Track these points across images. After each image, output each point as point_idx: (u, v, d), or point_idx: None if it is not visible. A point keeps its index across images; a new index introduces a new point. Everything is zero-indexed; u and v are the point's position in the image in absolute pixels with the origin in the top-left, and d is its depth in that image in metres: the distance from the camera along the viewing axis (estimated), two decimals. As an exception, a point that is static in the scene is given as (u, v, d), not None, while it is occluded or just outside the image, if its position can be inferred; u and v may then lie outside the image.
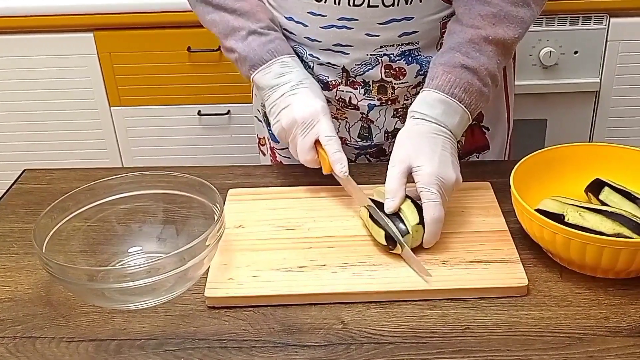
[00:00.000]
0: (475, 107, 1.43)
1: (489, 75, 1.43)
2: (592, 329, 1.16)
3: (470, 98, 1.41)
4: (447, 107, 1.39)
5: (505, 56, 1.46)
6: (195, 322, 1.20)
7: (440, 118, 1.39)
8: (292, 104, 1.45)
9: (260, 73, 1.50)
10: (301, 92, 1.46)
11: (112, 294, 1.18)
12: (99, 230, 1.35)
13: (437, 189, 1.31)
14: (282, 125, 1.46)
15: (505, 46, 1.44)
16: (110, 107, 2.85)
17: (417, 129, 1.39)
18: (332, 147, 1.42)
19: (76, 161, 2.85)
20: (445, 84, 1.40)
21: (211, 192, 1.30)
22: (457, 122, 1.40)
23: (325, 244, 1.35)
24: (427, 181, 1.31)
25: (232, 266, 1.30)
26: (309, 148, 1.44)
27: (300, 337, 1.16)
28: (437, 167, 1.32)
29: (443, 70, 1.41)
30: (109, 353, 1.15)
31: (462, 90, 1.40)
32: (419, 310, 1.21)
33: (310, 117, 1.43)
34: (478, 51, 1.42)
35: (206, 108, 2.86)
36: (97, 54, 2.74)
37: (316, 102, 1.44)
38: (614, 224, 1.22)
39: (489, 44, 1.42)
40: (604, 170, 1.40)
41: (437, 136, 1.37)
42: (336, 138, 1.43)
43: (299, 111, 1.44)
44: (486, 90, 1.43)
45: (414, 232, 1.29)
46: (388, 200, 1.33)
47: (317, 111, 1.43)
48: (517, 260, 1.28)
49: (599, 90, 2.77)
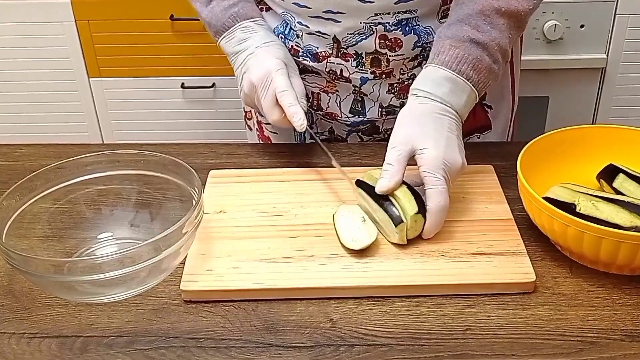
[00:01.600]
0: (483, 86, 1.37)
1: (499, 50, 1.37)
2: (606, 332, 1.09)
3: (479, 76, 1.35)
4: (454, 85, 1.33)
5: (518, 30, 1.41)
6: (169, 317, 1.15)
7: (446, 97, 1.33)
8: (249, 68, 1.46)
9: (224, 40, 1.53)
10: (257, 54, 1.46)
11: (80, 286, 1.12)
12: (68, 213, 1.30)
13: (442, 174, 1.25)
14: (244, 91, 1.47)
15: (519, 18, 1.39)
16: (89, 78, 2.88)
17: (420, 108, 1.33)
18: (286, 101, 1.39)
19: (53, 135, 2.90)
20: (452, 59, 1.34)
21: (189, 174, 1.24)
22: (464, 102, 1.34)
23: (313, 233, 1.28)
24: (433, 165, 1.25)
25: (211, 256, 1.23)
26: (271, 107, 1.42)
27: (284, 336, 1.10)
28: (443, 151, 1.27)
29: (450, 45, 1.35)
30: (74, 352, 1.09)
31: (471, 67, 1.34)
32: (415, 308, 1.15)
33: (264, 76, 1.42)
34: (489, 24, 1.36)
35: (190, 80, 2.88)
36: (75, 21, 2.75)
37: (270, 60, 1.44)
38: (631, 216, 1.15)
39: (501, 16, 1.36)
40: (618, 155, 1.34)
41: (443, 116, 1.31)
42: (290, 91, 1.40)
43: (254, 73, 1.44)
44: (496, 67, 1.37)
45: (412, 222, 1.22)
46: (384, 179, 1.25)
47: (270, 69, 1.42)
48: (524, 253, 1.22)
49: (605, 67, 2.77)
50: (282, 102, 1.39)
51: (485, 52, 1.34)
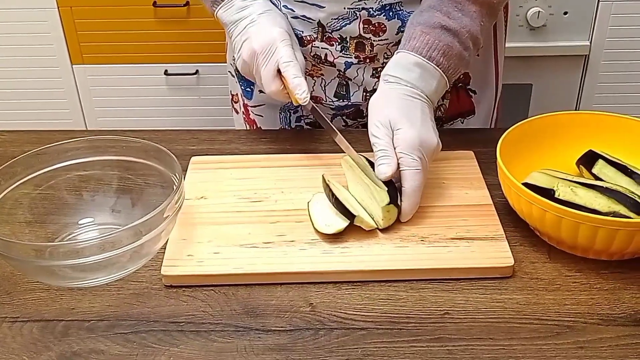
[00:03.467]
0: (453, 72, 1.37)
1: (470, 37, 1.37)
2: (583, 316, 1.10)
3: (449, 62, 1.35)
4: (424, 70, 1.33)
5: (491, 17, 1.41)
6: (150, 302, 1.14)
7: (417, 82, 1.33)
8: (250, 36, 1.42)
9: (222, 9, 1.47)
10: (259, 22, 1.43)
11: (61, 270, 1.12)
12: (50, 199, 1.29)
13: (418, 155, 1.25)
14: (244, 58, 1.43)
15: (491, 6, 1.39)
16: (72, 65, 2.86)
17: (391, 92, 1.33)
18: (290, 72, 1.37)
19: (36, 122, 2.87)
20: (422, 45, 1.34)
21: (170, 159, 1.24)
22: (434, 88, 1.34)
23: (294, 218, 1.27)
24: (409, 146, 1.25)
25: (192, 241, 1.23)
26: (272, 77, 1.39)
27: (264, 320, 1.10)
28: (418, 130, 1.27)
29: (421, 31, 1.35)
30: (55, 335, 1.09)
31: (441, 53, 1.34)
32: (394, 292, 1.15)
33: (268, 45, 1.39)
34: (460, 11, 1.36)
35: (173, 67, 2.87)
36: (58, 7, 2.73)
37: (273, 29, 1.40)
38: (609, 201, 1.16)
39: (472, 3, 1.36)
40: (597, 141, 1.33)
41: (414, 99, 1.32)
42: (294, 63, 1.38)
43: (256, 41, 1.40)
44: (467, 54, 1.37)
45: (384, 212, 1.22)
46: (384, 165, 1.25)
47: (274, 38, 1.39)
48: (503, 238, 1.22)
49: (588, 55, 2.77)
50: (286, 73, 1.37)
51: (456, 38, 1.34)
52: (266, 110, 1.68)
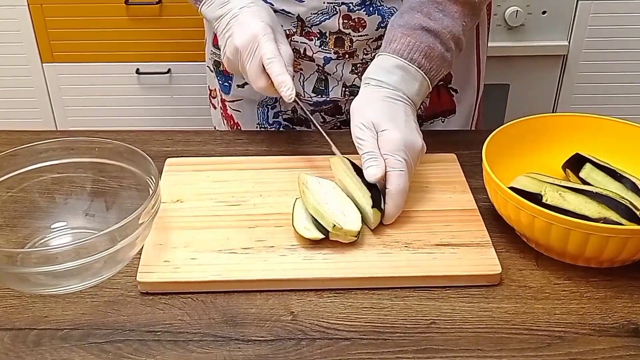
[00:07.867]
0: (435, 74, 1.36)
1: (452, 38, 1.36)
2: (574, 326, 1.07)
3: (430, 64, 1.34)
4: (406, 73, 1.33)
5: (473, 17, 1.41)
6: (125, 309, 1.12)
7: (398, 85, 1.32)
8: (233, 32, 1.39)
9: (204, 5, 1.45)
10: (241, 17, 1.39)
11: (34, 277, 1.09)
12: (21, 202, 1.26)
13: (403, 156, 1.23)
14: (228, 56, 1.41)
15: (473, 6, 1.39)
16: (42, 63, 2.85)
17: (373, 95, 1.32)
18: (274, 69, 1.34)
19: (5, 121, 2.87)
20: (403, 47, 1.33)
21: (145, 161, 1.21)
22: (416, 90, 1.33)
23: (273, 222, 1.25)
24: (393, 147, 1.24)
25: (168, 247, 1.20)
26: (257, 74, 1.37)
27: (244, 329, 1.07)
28: (402, 131, 1.26)
29: (402, 33, 1.34)
30: (27, 345, 1.06)
31: (422, 55, 1.33)
32: (378, 301, 1.12)
33: (249, 42, 1.36)
34: (441, 12, 1.35)
35: (145, 66, 2.86)
36: (28, 5, 2.73)
37: (256, 24, 1.37)
38: (599, 207, 1.13)
39: (454, 3, 1.36)
40: (584, 144, 1.32)
41: (397, 101, 1.31)
42: (278, 59, 1.35)
43: (238, 38, 1.37)
44: (449, 55, 1.37)
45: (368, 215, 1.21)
46: (373, 167, 1.23)
47: (256, 34, 1.36)
48: (489, 244, 1.19)
49: (566, 55, 2.79)
50: (270, 70, 1.34)
51: (438, 40, 1.34)
52: (244, 105, 1.67)
